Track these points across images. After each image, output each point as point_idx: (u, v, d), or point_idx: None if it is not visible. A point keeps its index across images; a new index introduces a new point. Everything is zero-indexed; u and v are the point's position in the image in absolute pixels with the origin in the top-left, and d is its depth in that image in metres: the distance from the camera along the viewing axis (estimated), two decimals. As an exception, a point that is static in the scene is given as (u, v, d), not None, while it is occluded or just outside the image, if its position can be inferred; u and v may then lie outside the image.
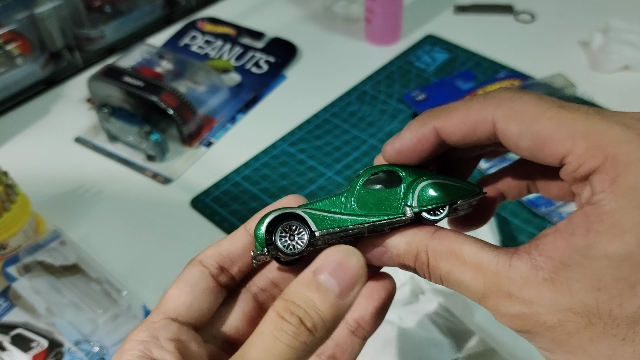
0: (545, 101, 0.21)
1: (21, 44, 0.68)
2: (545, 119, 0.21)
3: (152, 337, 0.22)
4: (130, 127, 0.60)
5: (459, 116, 0.23)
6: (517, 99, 0.22)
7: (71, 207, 0.57)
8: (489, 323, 0.42)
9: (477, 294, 0.22)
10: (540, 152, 0.21)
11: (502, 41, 0.74)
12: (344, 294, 0.21)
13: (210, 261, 0.25)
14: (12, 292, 0.48)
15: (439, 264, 0.23)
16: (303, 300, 0.21)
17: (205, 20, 0.80)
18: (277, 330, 0.20)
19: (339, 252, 0.22)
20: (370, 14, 0.73)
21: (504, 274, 0.21)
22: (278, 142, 0.62)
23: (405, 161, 0.25)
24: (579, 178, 0.21)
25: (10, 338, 0.46)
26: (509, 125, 0.22)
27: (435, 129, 0.24)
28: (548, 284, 0.20)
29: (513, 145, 0.22)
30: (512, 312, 0.21)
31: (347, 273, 0.21)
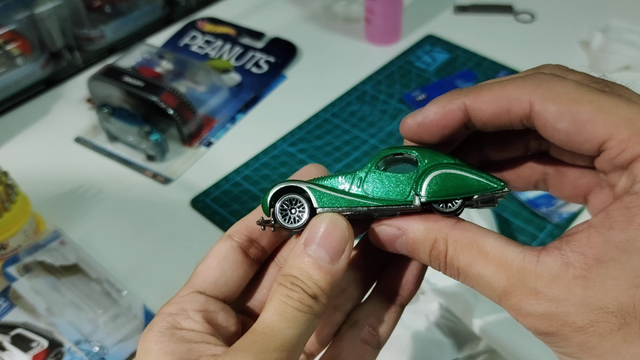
0: (586, 85, 0.21)
1: (21, 44, 0.68)
2: (586, 102, 0.20)
3: (179, 310, 0.23)
4: (130, 127, 0.60)
5: (493, 94, 0.22)
6: (556, 81, 0.21)
7: (71, 207, 0.57)
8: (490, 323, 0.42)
9: (498, 291, 0.20)
10: (579, 135, 0.20)
11: (502, 41, 0.74)
12: (335, 259, 0.22)
13: (239, 234, 0.25)
14: (12, 292, 0.48)
15: (459, 255, 0.22)
16: (299, 273, 0.22)
17: (205, 20, 0.80)
18: (285, 297, 0.22)
19: (322, 221, 0.23)
20: (370, 14, 0.73)
21: (531, 269, 0.20)
22: (278, 142, 0.62)
23: (426, 137, 0.23)
24: (619, 165, 0.20)
25: (10, 338, 0.46)
26: (548, 106, 0.20)
27: (465, 105, 0.22)
28: (579, 281, 0.19)
29: (550, 128, 0.21)
30: (537, 311, 0.19)
31: (333, 240, 0.23)
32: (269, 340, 0.21)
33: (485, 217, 0.49)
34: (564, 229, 0.51)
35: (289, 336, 0.21)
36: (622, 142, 0.19)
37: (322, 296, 0.22)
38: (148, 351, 0.22)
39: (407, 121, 0.24)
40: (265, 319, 0.21)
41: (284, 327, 0.21)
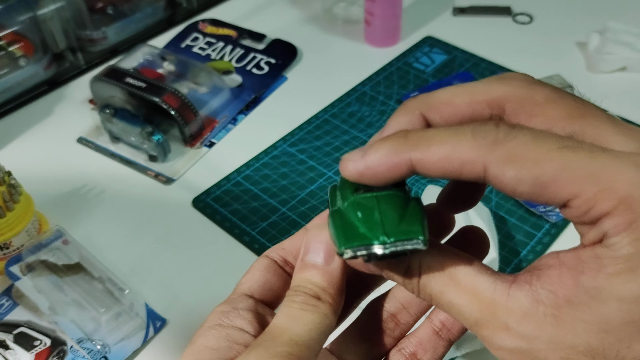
0: (544, 141, 0.19)
1: (24, 45, 0.69)
2: (547, 162, 0.18)
3: (231, 308, 0.24)
4: (133, 128, 0.61)
5: (443, 153, 0.20)
6: (512, 139, 0.19)
7: (74, 206, 0.57)
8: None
9: (470, 321, 0.21)
10: (542, 196, 0.19)
11: (500, 42, 0.75)
12: (328, 260, 0.24)
13: (274, 254, 0.27)
14: (15, 291, 0.49)
15: (431, 282, 0.21)
16: (301, 280, 0.24)
17: (207, 22, 0.80)
18: (290, 301, 0.23)
19: (310, 230, 0.25)
20: (370, 16, 0.73)
21: (502, 304, 0.20)
22: (278, 143, 0.63)
23: (369, 183, 0.21)
24: (587, 221, 0.19)
25: (13, 337, 0.46)
26: (505, 170, 0.19)
27: (412, 161, 0.20)
28: (550, 319, 0.19)
29: (509, 190, 0.19)
30: (508, 346, 0.20)
31: (321, 244, 0.24)
32: (278, 337, 0.22)
33: (483, 216, 0.49)
34: (561, 228, 0.52)
35: (298, 331, 0.22)
36: (588, 201, 0.18)
37: (324, 295, 0.23)
38: (193, 344, 0.23)
39: (349, 167, 0.21)
40: (274, 322, 0.23)
41: (291, 325, 0.22)
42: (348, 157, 0.21)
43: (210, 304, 0.28)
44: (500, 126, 0.19)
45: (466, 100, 0.22)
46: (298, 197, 0.57)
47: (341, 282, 0.24)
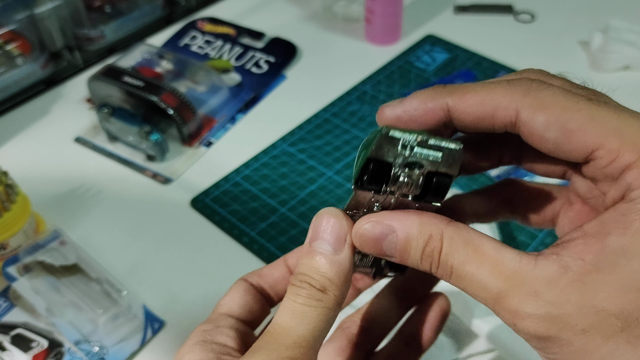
0: (574, 93, 0.20)
1: (21, 44, 0.68)
2: (575, 111, 0.20)
3: (213, 326, 0.24)
4: (130, 127, 0.60)
5: (479, 97, 0.21)
6: (544, 88, 0.20)
7: (71, 207, 0.57)
8: (490, 323, 0.42)
9: (493, 292, 0.20)
10: (568, 144, 0.20)
11: (502, 41, 0.74)
12: (339, 249, 0.23)
13: (252, 279, 0.27)
14: (12, 292, 0.48)
15: (454, 253, 0.21)
16: (307, 268, 0.23)
17: (205, 20, 0.80)
18: (293, 295, 0.22)
19: (320, 216, 0.23)
20: (370, 14, 0.73)
21: (529, 271, 0.19)
22: (278, 142, 0.62)
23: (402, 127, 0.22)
24: (609, 175, 0.20)
25: (10, 338, 0.46)
26: (536, 115, 0.20)
27: (448, 106, 0.22)
28: (579, 284, 0.19)
29: (537, 136, 0.20)
30: (538, 312, 0.19)
31: (333, 231, 0.23)
32: (282, 338, 0.21)
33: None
34: (563, 228, 0.51)
35: (302, 332, 0.21)
36: (612, 152, 0.19)
37: (331, 287, 0.22)
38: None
39: (385, 111, 0.23)
40: (276, 320, 0.22)
41: (295, 324, 0.21)
42: (386, 105, 0.23)
43: (209, 306, 0.27)
44: (533, 80, 0.21)
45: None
46: (298, 198, 0.56)
47: (349, 272, 0.23)
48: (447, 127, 0.23)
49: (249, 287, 0.27)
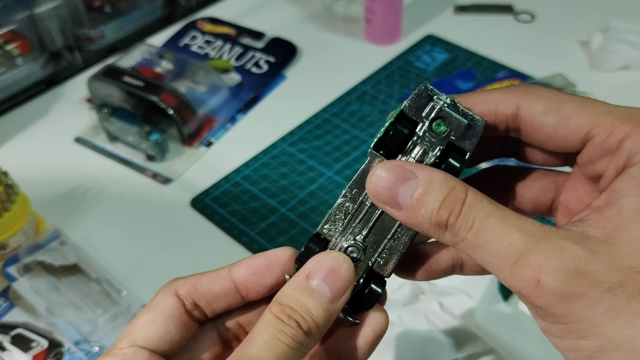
0: (565, 93, 0.23)
1: (21, 44, 0.68)
2: (570, 101, 0.22)
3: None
4: (130, 127, 0.60)
5: (482, 97, 0.24)
6: (539, 88, 0.23)
7: (71, 207, 0.57)
8: (489, 323, 0.42)
9: (516, 249, 0.19)
10: (565, 127, 0.22)
11: (502, 41, 0.74)
12: (336, 298, 0.22)
13: (186, 295, 0.24)
14: (12, 292, 0.48)
15: (478, 204, 0.20)
16: (298, 305, 0.22)
17: (205, 20, 0.80)
18: (277, 331, 0.21)
19: (330, 258, 0.22)
20: (370, 14, 0.73)
21: (553, 232, 0.19)
22: (278, 142, 0.62)
23: None
24: (608, 149, 0.21)
25: (10, 338, 0.46)
26: (535, 104, 0.22)
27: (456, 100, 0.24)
28: (604, 245, 0.19)
29: (537, 123, 0.22)
30: (565, 268, 0.18)
31: (338, 279, 0.22)
32: None
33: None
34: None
35: None
36: (606, 128, 0.21)
37: (315, 332, 0.22)
38: None
39: None
40: (254, 354, 0.20)
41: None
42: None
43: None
44: (529, 85, 0.24)
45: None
46: (298, 198, 0.56)
47: (331, 324, 0.23)
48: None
49: (175, 309, 0.23)
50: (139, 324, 0.23)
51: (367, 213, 0.24)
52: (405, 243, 0.24)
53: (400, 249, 0.24)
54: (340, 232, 0.24)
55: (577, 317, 0.18)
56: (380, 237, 0.24)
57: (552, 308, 0.19)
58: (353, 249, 0.24)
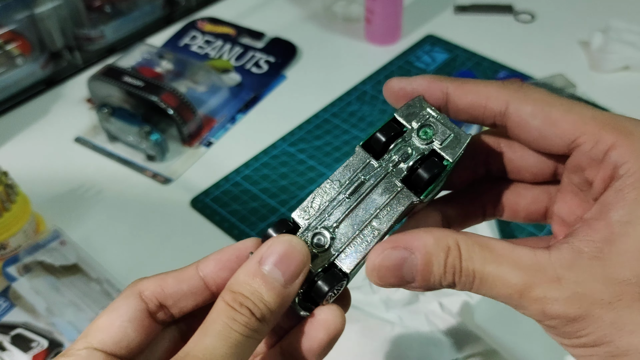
0: (556, 95, 0.23)
1: (21, 44, 0.68)
2: (558, 105, 0.22)
3: None
4: (130, 127, 0.60)
5: (475, 87, 0.24)
6: (531, 88, 0.23)
7: (71, 207, 0.57)
8: (490, 323, 0.42)
9: (519, 286, 0.20)
10: (551, 132, 0.22)
11: (502, 41, 0.74)
12: (289, 282, 0.22)
13: (151, 296, 0.23)
14: (12, 292, 0.48)
15: (473, 256, 0.21)
16: (250, 292, 0.21)
17: (205, 20, 0.80)
18: (229, 320, 0.21)
19: (282, 242, 0.22)
20: (370, 14, 0.73)
21: (546, 260, 0.20)
22: (278, 142, 0.62)
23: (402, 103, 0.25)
24: (595, 159, 0.21)
25: (10, 338, 0.46)
26: (523, 106, 0.23)
27: (447, 90, 0.25)
28: (596, 261, 0.20)
29: (524, 124, 0.23)
30: (565, 295, 0.20)
31: (291, 263, 0.22)
32: None
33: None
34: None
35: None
36: (593, 136, 0.21)
37: (269, 318, 0.21)
38: None
39: (392, 83, 0.26)
40: (207, 344, 0.20)
41: (228, 353, 0.20)
42: (393, 78, 0.26)
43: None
44: (523, 83, 0.24)
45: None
46: (298, 197, 0.56)
47: (285, 308, 0.22)
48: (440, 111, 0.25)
49: (137, 312, 0.23)
50: (97, 326, 0.22)
51: (342, 205, 0.24)
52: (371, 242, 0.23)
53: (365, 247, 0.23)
54: (313, 218, 0.24)
55: (586, 332, 0.20)
56: (350, 230, 0.24)
57: (562, 328, 0.20)
58: (320, 238, 0.24)
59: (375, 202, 0.24)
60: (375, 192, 0.24)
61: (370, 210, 0.24)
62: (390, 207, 0.24)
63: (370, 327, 0.42)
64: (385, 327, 0.43)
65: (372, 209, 0.24)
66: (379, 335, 0.42)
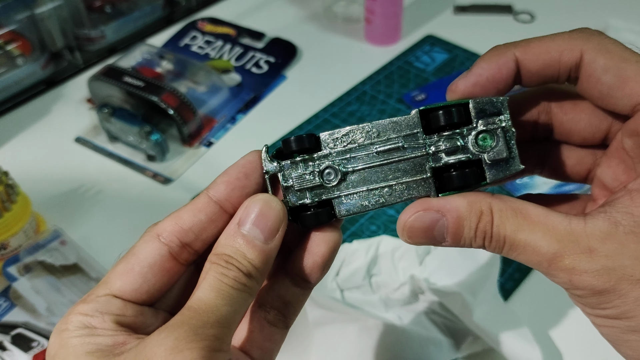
0: (629, 49, 0.22)
1: (22, 44, 0.68)
2: (633, 62, 0.21)
3: (94, 311, 0.21)
4: (131, 127, 0.60)
5: (544, 45, 0.22)
6: (605, 38, 0.22)
7: (71, 207, 0.57)
8: (489, 323, 0.42)
9: (548, 255, 0.20)
10: (620, 89, 0.21)
11: (502, 41, 0.73)
12: (269, 239, 0.22)
13: (171, 237, 0.23)
14: (12, 292, 0.48)
15: (505, 223, 0.21)
16: (233, 252, 0.22)
17: (206, 21, 0.80)
18: (220, 275, 0.21)
19: (257, 201, 0.23)
20: (370, 14, 0.73)
21: (581, 230, 0.20)
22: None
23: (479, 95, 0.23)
24: None
25: (10, 338, 0.46)
26: (597, 57, 0.21)
27: (516, 56, 0.23)
28: (631, 237, 0.20)
29: (594, 78, 0.22)
30: (594, 267, 0.20)
31: (268, 220, 0.22)
32: (206, 315, 0.20)
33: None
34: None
35: (225, 312, 0.21)
36: None
37: (256, 274, 0.22)
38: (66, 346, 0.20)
39: (459, 85, 0.23)
40: (200, 296, 0.21)
41: (221, 303, 0.21)
42: (455, 80, 0.23)
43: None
44: (593, 31, 0.22)
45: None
46: (298, 197, 0.56)
47: (272, 262, 0.23)
48: (515, 83, 0.23)
49: (157, 253, 0.22)
50: (116, 272, 0.22)
51: (368, 157, 0.23)
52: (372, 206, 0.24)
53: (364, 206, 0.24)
54: (336, 151, 0.23)
55: (610, 305, 0.20)
56: (361, 182, 0.24)
57: (588, 299, 0.21)
58: (331, 172, 0.23)
59: (398, 174, 0.23)
60: (403, 163, 0.23)
61: (389, 178, 0.23)
62: (407, 188, 0.23)
63: (370, 327, 0.42)
64: (385, 327, 0.43)
65: (391, 178, 0.23)
66: (378, 335, 0.42)
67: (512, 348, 0.41)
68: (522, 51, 0.23)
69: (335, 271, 0.47)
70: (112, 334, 0.21)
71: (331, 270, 0.47)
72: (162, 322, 0.23)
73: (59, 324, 0.22)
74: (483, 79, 0.23)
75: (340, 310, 0.43)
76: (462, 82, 0.23)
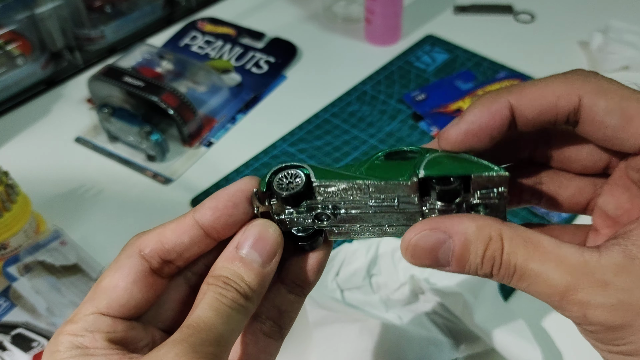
0: (627, 86, 0.21)
1: (22, 44, 0.68)
2: (634, 99, 0.21)
3: (83, 330, 0.21)
4: (131, 127, 0.60)
5: (539, 90, 0.22)
6: (602, 78, 0.21)
7: (72, 207, 0.57)
8: (489, 323, 0.42)
9: (560, 287, 0.19)
10: (626, 130, 0.21)
11: (502, 41, 0.74)
12: (266, 262, 0.23)
13: (153, 254, 0.23)
14: (12, 292, 0.48)
15: (516, 252, 0.20)
16: (231, 274, 0.22)
17: (206, 21, 0.80)
18: (219, 295, 0.22)
19: (256, 226, 0.23)
20: (370, 14, 0.73)
21: (595, 263, 0.19)
22: (278, 142, 0.62)
23: (475, 144, 0.22)
24: None
25: (10, 338, 0.46)
26: (598, 100, 0.21)
27: (510, 103, 0.22)
28: None
29: (597, 122, 0.21)
30: (609, 302, 0.19)
31: (266, 244, 0.23)
32: (205, 333, 0.21)
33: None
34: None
35: (223, 332, 0.21)
36: None
37: (252, 296, 0.22)
38: None
39: (451, 133, 0.22)
40: (200, 315, 0.21)
41: (219, 322, 0.21)
42: (446, 128, 0.22)
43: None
44: (588, 72, 0.22)
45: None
46: (298, 197, 0.56)
47: (268, 284, 0.23)
48: (509, 130, 0.23)
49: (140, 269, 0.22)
50: (102, 288, 0.22)
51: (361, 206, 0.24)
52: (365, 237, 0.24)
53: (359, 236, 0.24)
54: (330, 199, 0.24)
55: (625, 341, 0.19)
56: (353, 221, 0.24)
57: (601, 334, 0.20)
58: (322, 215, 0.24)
59: (391, 221, 0.24)
60: (396, 215, 0.23)
61: (382, 223, 0.24)
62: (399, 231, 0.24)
63: (370, 327, 0.42)
64: (385, 327, 0.43)
65: (384, 223, 0.24)
66: (378, 335, 0.42)
67: (513, 348, 0.41)
68: (517, 97, 0.22)
69: (336, 271, 0.47)
70: (105, 352, 0.21)
71: (331, 271, 0.47)
72: (152, 336, 0.23)
73: (48, 345, 0.21)
74: (475, 126, 0.22)
75: (341, 310, 0.43)
76: (454, 130, 0.22)
